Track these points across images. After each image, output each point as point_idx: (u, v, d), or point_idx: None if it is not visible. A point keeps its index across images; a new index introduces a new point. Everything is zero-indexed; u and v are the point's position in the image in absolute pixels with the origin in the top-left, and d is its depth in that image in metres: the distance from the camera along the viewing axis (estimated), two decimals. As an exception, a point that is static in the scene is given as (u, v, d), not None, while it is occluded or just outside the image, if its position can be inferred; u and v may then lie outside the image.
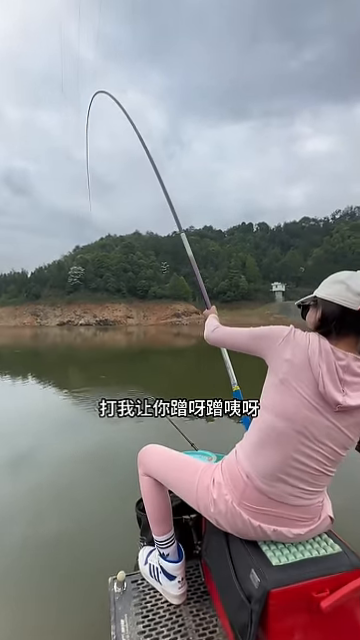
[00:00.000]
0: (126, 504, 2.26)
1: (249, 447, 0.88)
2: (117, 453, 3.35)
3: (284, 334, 0.84)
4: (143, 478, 1.13)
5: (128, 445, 3.56)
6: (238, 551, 0.88)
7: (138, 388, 6.64)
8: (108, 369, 10.01)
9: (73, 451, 3.43)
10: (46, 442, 3.73)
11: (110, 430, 4.07)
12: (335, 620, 0.77)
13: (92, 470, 3.03)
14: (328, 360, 0.78)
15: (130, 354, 16.18)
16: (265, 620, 0.74)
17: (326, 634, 0.77)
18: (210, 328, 1.14)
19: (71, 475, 2.93)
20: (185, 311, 60.78)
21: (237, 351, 1.02)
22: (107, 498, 2.50)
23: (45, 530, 2.13)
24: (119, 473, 2.82)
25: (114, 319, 59.23)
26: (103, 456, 3.31)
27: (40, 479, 2.85)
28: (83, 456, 3.31)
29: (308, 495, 0.84)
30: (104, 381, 7.80)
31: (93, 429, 4.24)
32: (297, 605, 0.75)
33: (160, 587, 1.13)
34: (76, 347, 19.92)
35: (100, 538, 2.03)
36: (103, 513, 2.30)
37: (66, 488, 2.68)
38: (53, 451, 3.46)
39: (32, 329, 47.15)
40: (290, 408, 0.80)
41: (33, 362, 12.52)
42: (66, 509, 2.38)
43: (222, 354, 1.50)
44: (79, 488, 2.69)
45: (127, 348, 19.39)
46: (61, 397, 6.26)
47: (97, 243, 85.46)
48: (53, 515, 2.30)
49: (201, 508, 0.94)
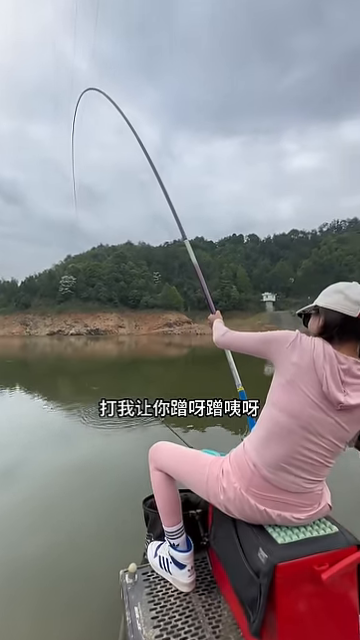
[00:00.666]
0: (116, 517, 2.28)
1: (256, 440, 0.97)
2: (108, 465, 3.30)
3: (291, 339, 0.92)
4: (154, 473, 1.20)
5: (120, 457, 3.54)
6: (246, 534, 0.96)
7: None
8: (99, 380, 9.87)
9: (63, 464, 3.36)
10: (35, 454, 3.66)
11: (101, 442, 4.05)
12: (334, 590, 0.86)
13: (83, 483, 2.96)
14: (331, 363, 0.86)
15: (121, 364, 16.02)
16: (273, 592, 0.83)
17: (326, 603, 0.85)
18: (220, 332, 1.23)
19: (61, 488, 2.85)
20: (177, 321, 60.92)
21: (245, 353, 1.11)
22: (98, 511, 2.44)
23: (32, 546, 2.04)
24: (110, 485, 2.79)
25: (105, 329, 58.80)
26: (94, 468, 3.26)
27: (28, 492, 2.77)
28: (73, 469, 3.26)
29: (309, 484, 0.93)
30: (95, 392, 7.71)
31: (83, 441, 4.18)
32: (301, 577, 0.83)
33: (170, 577, 1.20)
34: (66, 357, 19.56)
35: (92, 553, 1.97)
36: (94, 526, 2.23)
37: (56, 501, 2.61)
38: (42, 463, 3.39)
39: (21, 339, 46.26)
40: (296, 406, 0.89)
41: (20, 373, 12.26)
42: (56, 523, 2.29)
43: (227, 357, 1.59)
44: (69, 501, 2.62)
45: (118, 358, 19.19)
46: (50, 408, 6.11)
47: (89, 253, 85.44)
48: (43, 529, 2.21)
49: (211, 497, 1.03)
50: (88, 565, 1.88)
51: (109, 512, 2.43)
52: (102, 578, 1.70)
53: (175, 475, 1.16)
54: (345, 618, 0.87)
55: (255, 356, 1.05)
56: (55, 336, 54.00)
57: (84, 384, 8.84)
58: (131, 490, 2.45)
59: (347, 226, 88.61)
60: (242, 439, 1.05)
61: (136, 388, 8.16)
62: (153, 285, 69.54)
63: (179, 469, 1.13)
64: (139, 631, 1.00)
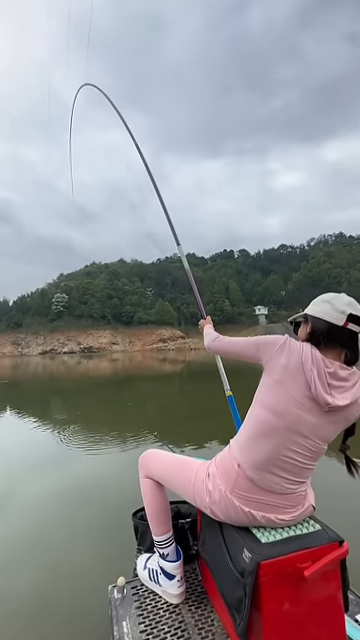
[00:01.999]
0: (106, 539, 2.20)
1: (242, 440, 0.99)
2: (98, 488, 3.22)
3: (280, 342, 0.96)
4: (144, 481, 1.21)
5: (110, 479, 3.44)
6: (231, 536, 0.97)
7: (128, 424, 6.14)
8: (88, 400, 9.59)
9: (50, 490, 3.26)
10: (21, 480, 3.55)
11: (89, 466, 3.96)
12: (317, 587, 0.87)
13: (70, 510, 2.86)
14: (318, 367, 0.90)
15: (115, 382, 15.71)
16: (257, 591, 0.83)
17: (311, 600, 0.86)
18: (210, 338, 1.26)
19: (47, 517, 2.74)
20: (171, 336, 60.87)
21: (236, 358, 1.14)
22: (87, 536, 2.35)
23: (18, 583, 1.92)
24: (98, 513, 2.71)
25: (99, 346, 58.29)
26: (83, 492, 3.17)
27: (13, 522, 2.66)
28: (60, 495, 3.15)
29: (292, 485, 0.95)
30: (86, 414, 7.51)
31: (72, 465, 4.08)
32: (284, 575, 0.84)
33: (160, 589, 1.18)
34: (57, 377, 19.17)
35: (78, 588, 1.86)
36: (80, 559, 2.12)
37: (47, 530, 2.50)
38: (28, 490, 3.28)
39: (12, 359, 45.45)
40: (282, 405, 0.92)
41: (7, 394, 11.94)
42: (40, 557, 2.17)
43: (217, 362, 1.63)
44: (56, 530, 2.51)
45: (112, 376, 18.85)
46: (37, 431, 5.91)
47: (82, 270, 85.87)
48: (26, 564, 2.09)
49: (197, 500, 1.04)
50: (80, 593, 1.80)
51: (98, 536, 2.35)
52: (92, 604, 1.63)
53: (163, 481, 1.16)
54: (330, 614, 0.88)
55: (245, 360, 1.08)
56: (47, 355, 53.20)
57: (72, 407, 8.60)
58: (122, 511, 2.38)
59: (333, 240, 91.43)
60: (229, 441, 1.07)
61: (127, 410, 7.81)
62: (146, 301, 69.84)
63: (167, 475, 1.14)
64: (127, 645, 0.98)
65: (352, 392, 0.92)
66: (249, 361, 1.07)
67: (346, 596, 0.93)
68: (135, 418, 6.72)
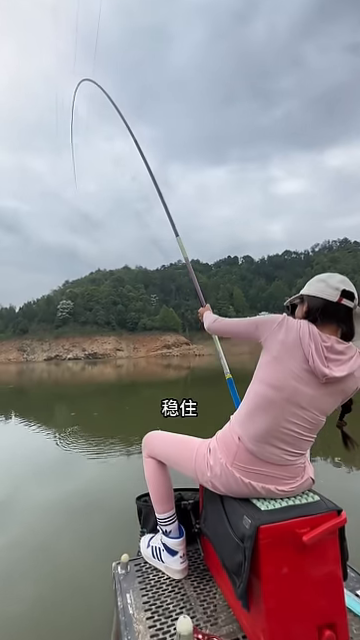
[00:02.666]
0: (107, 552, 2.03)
1: (242, 414, 1.02)
2: (101, 499, 3.18)
3: (278, 320, 0.99)
4: (147, 460, 1.24)
5: (113, 489, 3.40)
6: (232, 507, 1.00)
7: (130, 430, 6.12)
8: (94, 406, 9.57)
9: (52, 496, 3.25)
10: (25, 489, 3.54)
11: (91, 471, 3.95)
12: (316, 553, 0.88)
13: (72, 516, 2.85)
14: (316, 341, 0.93)
15: (118, 388, 15.65)
16: (257, 555, 0.85)
17: (309, 565, 0.88)
18: (210, 320, 1.30)
19: (50, 523, 2.73)
20: (175, 342, 60.82)
21: (235, 338, 1.18)
22: (89, 555, 2.28)
23: (19, 590, 1.91)
24: (100, 519, 2.70)
25: (103, 352, 58.43)
26: (84, 500, 3.16)
27: (15, 533, 2.62)
28: (63, 501, 3.15)
29: (291, 457, 0.98)
30: (89, 420, 7.46)
31: (73, 471, 4.09)
32: (283, 540, 0.87)
33: (163, 565, 1.20)
34: (62, 383, 19.17)
35: (80, 595, 1.85)
36: (84, 573, 2.08)
37: (45, 542, 2.46)
38: (31, 499, 3.27)
39: (17, 365, 45.72)
40: (281, 379, 0.95)
41: (12, 400, 11.96)
42: (42, 571, 2.13)
43: (215, 345, 1.67)
44: (59, 541, 2.47)
45: (116, 382, 18.78)
46: (41, 437, 5.93)
47: (87, 277, 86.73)
48: (27, 580, 2.05)
49: (199, 475, 1.07)
50: (81, 600, 1.78)
51: (101, 541, 2.34)
52: (95, 611, 1.61)
53: (166, 460, 1.20)
54: (329, 581, 0.89)
55: (245, 339, 1.12)
56: (52, 361, 53.40)
57: (75, 413, 8.56)
58: (125, 516, 2.28)
59: (338, 246, 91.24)
60: (229, 417, 1.10)
61: (129, 416, 7.76)
62: (151, 307, 70.10)
63: (170, 453, 1.18)
64: (130, 614, 1.00)
65: (349, 365, 0.95)
66: (249, 340, 1.10)
67: (345, 566, 0.95)
68: (137, 423, 6.67)
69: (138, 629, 0.95)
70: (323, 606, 0.88)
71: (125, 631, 0.94)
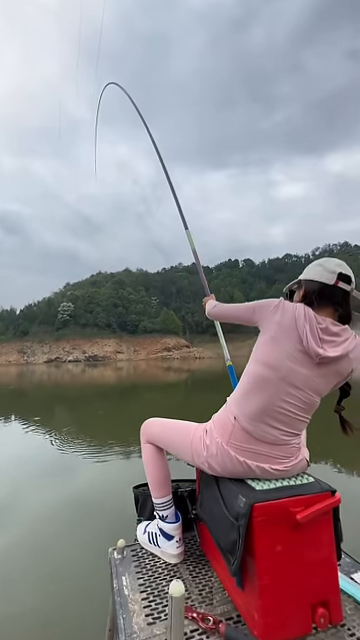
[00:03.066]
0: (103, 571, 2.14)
1: (238, 394, 1.04)
2: (100, 500, 3.18)
3: (275, 303, 1.01)
4: (145, 446, 1.25)
5: (112, 490, 3.39)
6: (227, 488, 1.00)
7: (129, 433, 5.99)
8: (94, 408, 9.48)
9: (53, 500, 3.24)
10: (24, 491, 3.54)
11: (90, 473, 3.94)
12: (310, 532, 0.89)
13: (72, 518, 2.83)
14: (311, 323, 0.94)
15: (119, 391, 15.58)
16: (251, 533, 0.86)
17: (303, 544, 0.88)
18: (211, 305, 1.33)
19: (49, 525, 2.72)
20: (175, 345, 60.81)
21: (235, 322, 1.20)
22: (84, 549, 2.29)
23: (17, 600, 1.88)
24: (100, 520, 2.68)
25: (104, 355, 58.43)
26: (83, 502, 3.14)
27: (15, 533, 2.61)
28: (62, 503, 3.13)
29: (285, 436, 0.99)
30: (88, 422, 7.42)
31: (72, 473, 4.07)
32: (277, 518, 0.87)
33: (159, 550, 1.20)
34: (62, 385, 19.12)
35: (79, 597, 1.83)
36: (83, 573, 2.08)
37: (42, 547, 2.44)
38: (31, 500, 3.27)
39: (18, 367, 45.71)
40: (276, 359, 0.96)
41: (11, 401, 11.90)
42: (42, 572, 2.12)
43: (217, 333, 1.70)
44: (57, 546, 2.46)
45: (116, 384, 18.74)
46: (40, 439, 5.91)
47: (88, 280, 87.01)
48: (27, 580, 2.04)
49: (195, 457, 1.08)
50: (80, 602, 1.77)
51: (99, 544, 2.28)
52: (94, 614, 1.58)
53: (163, 444, 1.21)
54: (323, 561, 0.90)
55: (243, 323, 1.14)
56: (53, 363, 53.41)
57: (75, 415, 8.51)
58: (124, 518, 2.25)
59: (338, 249, 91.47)
60: (226, 399, 1.11)
61: (128, 418, 7.59)
62: (151, 310, 70.18)
63: (167, 438, 1.19)
64: (126, 595, 1.01)
65: (343, 346, 0.96)
66: (247, 324, 1.12)
67: (339, 547, 0.95)
68: (136, 426, 6.65)
69: (133, 609, 0.95)
70: (317, 584, 0.88)
71: (120, 610, 0.94)
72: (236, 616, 0.93)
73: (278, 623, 0.84)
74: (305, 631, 0.86)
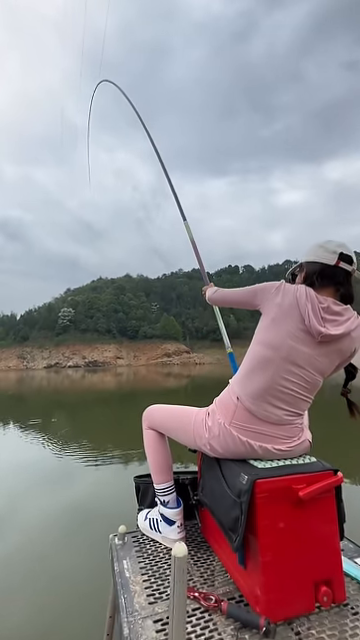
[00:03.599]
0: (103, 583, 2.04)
1: (241, 375, 1.04)
2: (98, 509, 3.10)
3: (276, 285, 1.01)
4: (147, 432, 1.25)
5: (109, 498, 3.31)
6: (229, 468, 1.00)
7: (127, 439, 5.90)
8: (93, 414, 9.37)
9: (50, 508, 3.17)
10: (21, 498, 3.48)
11: (89, 481, 3.87)
12: (313, 510, 0.89)
13: (70, 528, 2.76)
14: (312, 302, 0.95)
15: (119, 396, 15.46)
16: (253, 510, 0.86)
17: (306, 521, 0.88)
18: (211, 291, 1.34)
19: (47, 535, 2.65)
20: (176, 351, 60.66)
21: (236, 307, 1.21)
22: (83, 560, 2.23)
23: (16, 611, 1.84)
24: (98, 530, 2.59)
25: (104, 360, 58.24)
26: (84, 512, 3.08)
27: (11, 547, 2.54)
28: (60, 512, 3.07)
29: (289, 416, 0.99)
30: (87, 429, 7.33)
31: (70, 481, 4.01)
32: (280, 495, 0.87)
33: (160, 536, 1.19)
34: (61, 390, 18.94)
35: (76, 609, 1.79)
36: (83, 584, 2.03)
37: (41, 556, 2.39)
38: (28, 509, 3.20)
39: (17, 372, 45.50)
40: (278, 339, 0.97)
41: (10, 407, 11.76)
42: (40, 583, 2.07)
43: (217, 319, 1.71)
44: (55, 555, 2.40)
45: (117, 390, 18.61)
46: (37, 446, 5.80)
47: (88, 285, 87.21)
48: (26, 591, 1.99)
49: (196, 440, 1.08)
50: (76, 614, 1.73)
51: (98, 553, 2.24)
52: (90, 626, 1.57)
53: (165, 429, 1.21)
54: (326, 540, 0.89)
55: (245, 307, 1.14)
56: (52, 369, 53.19)
57: (73, 421, 8.35)
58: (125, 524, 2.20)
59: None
60: (228, 381, 1.12)
61: (126, 425, 7.43)
62: (151, 316, 70.20)
63: (169, 423, 1.19)
64: (127, 577, 1.00)
65: (345, 325, 0.96)
66: (249, 307, 1.12)
67: (342, 527, 0.95)
68: (133, 433, 6.59)
69: (134, 589, 0.94)
70: (320, 563, 0.88)
71: (121, 591, 0.93)
72: (238, 596, 0.92)
73: (281, 600, 0.83)
74: (308, 609, 0.85)
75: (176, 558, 0.61)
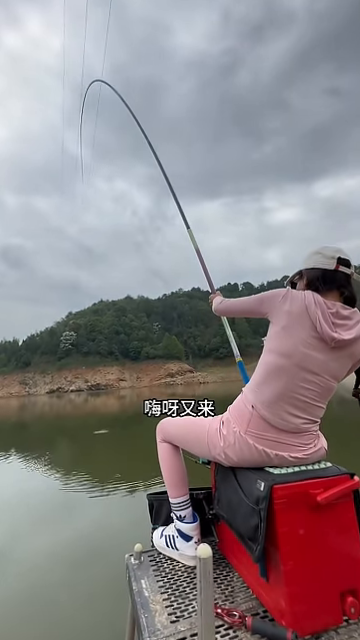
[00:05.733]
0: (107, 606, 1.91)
1: (255, 384, 1.04)
2: (103, 548, 2.93)
3: (283, 293, 1.01)
4: (161, 445, 1.25)
5: (117, 534, 3.12)
6: (245, 477, 1.00)
7: (130, 468, 5.61)
8: (94, 441, 8.97)
9: (53, 547, 3.00)
10: (21, 536, 3.32)
11: (92, 514, 3.71)
12: (332, 514, 0.88)
13: (74, 567, 2.63)
14: (322, 308, 0.95)
15: (123, 420, 15.04)
16: (272, 517, 0.85)
17: (325, 525, 0.87)
18: (217, 301, 1.36)
19: (50, 575, 2.52)
20: (179, 370, 60.00)
21: (243, 316, 1.23)
22: (86, 603, 2.12)
23: None
24: (102, 568, 2.51)
25: (106, 383, 57.54)
26: (89, 550, 2.92)
27: (11, 591, 2.41)
28: (63, 550, 2.92)
29: (305, 424, 0.99)
30: (88, 457, 7.03)
31: (72, 514, 3.84)
32: (298, 500, 0.87)
33: (177, 553, 1.16)
34: (64, 416, 18.48)
35: None
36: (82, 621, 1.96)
37: (45, 601, 2.26)
38: (29, 548, 3.05)
39: (19, 399, 44.89)
40: (290, 347, 0.97)
41: (10, 437, 11.43)
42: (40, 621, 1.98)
43: (225, 330, 1.73)
44: (57, 599, 2.27)
45: (120, 413, 18.18)
46: (38, 477, 5.64)
47: (90, 308, 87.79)
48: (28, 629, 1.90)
49: (211, 450, 1.08)
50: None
51: (102, 595, 2.18)
52: None
53: (179, 441, 1.20)
54: (347, 544, 0.87)
55: (252, 316, 1.16)
56: (55, 394, 52.45)
57: (74, 450, 8.03)
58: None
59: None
60: (241, 389, 1.12)
61: (129, 453, 7.04)
62: (153, 336, 70.09)
63: (183, 434, 1.19)
64: (146, 597, 0.97)
65: (356, 328, 0.98)
66: (256, 316, 1.14)
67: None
68: (139, 459, 6.21)
69: (155, 608, 0.92)
70: (343, 571, 0.86)
71: (142, 610, 0.91)
72: (262, 611, 0.89)
73: (307, 612, 0.81)
74: (336, 622, 0.82)
75: (201, 559, 0.61)
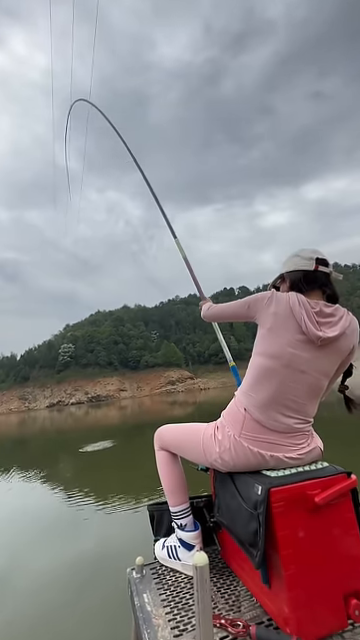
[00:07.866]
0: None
1: (246, 387, 1.05)
2: (107, 568, 2.80)
3: (268, 296, 1.03)
4: (159, 453, 1.24)
5: (117, 558, 2.91)
6: (242, 481, 0.99)
7: (132, 482, 5.40)
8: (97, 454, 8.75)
9: (51, 570, 2.87)
10: (20, 556, 3.20)
11: (96, 532, 3.61)
12: (330, 516, 0.87)
13: (79, 587, 2.53)
14: (306, 308, 0.97)
15: (126, 429, 14.86)
16: (271, 521, 0.84)
17: (324, 528, 0.86)
18: (205, 308, 1.38)
19: (54, 595, 2.44)
20: (179, 378, 59.75)
21: (232, 320, 1.24)
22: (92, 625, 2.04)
23: None
24: (108, 588, 2.40)
25: (107, 394, 57.09)
26: (92, 570, 2.80)
27: (11, 613, 2.32)
28: (67, 569, 2.83)
29: (298, 424, 1.00)
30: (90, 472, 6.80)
31: (76, 533, 3.72)
32: (296, 502, 0.86)
33: (179, 564, 1.14)
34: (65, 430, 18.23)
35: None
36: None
37: (42, 618, 2.19)
38: (29, 569, 2.92)
39: (19, 414, 44.28)
40: (277, 348, 0.98)
41: (10, 454, 11.19)
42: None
43: (217, 336, 1.74)
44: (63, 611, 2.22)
45: (121, 424, 17.94)
46: (40, 495, 5.46)
47: (87, 320, 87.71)
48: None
49: (207, 456, 1.07)
50: None
51: (109, 616, 2.10)
52: None
53: (175, 448, 1.20)
54: (348, 545, 0.87)
55: (240, 320, 1.17)
56: (55, 407, 51.84)
57: (77, 464, 7.86)
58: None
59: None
60: (234, 393, 1.13)
61: (132, 466, 6.73)
62: (152, 344, 69.95)
63: (179, 441, 1.19)
64: (148, 611, 0.95)
65: (340, 325, 1.00)
66: (244, 320, 1.16)
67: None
68: (141, 473, 5.94)
69: (157, 623, 0.90)
70: (346, 572, 0.85)
71: (144, 626, 0.89)
72: (266, 620, 0.87)
73: (311, 618, 0.79)
74: (341, 626, 0.81)
75: (198, 567, 0.60)
